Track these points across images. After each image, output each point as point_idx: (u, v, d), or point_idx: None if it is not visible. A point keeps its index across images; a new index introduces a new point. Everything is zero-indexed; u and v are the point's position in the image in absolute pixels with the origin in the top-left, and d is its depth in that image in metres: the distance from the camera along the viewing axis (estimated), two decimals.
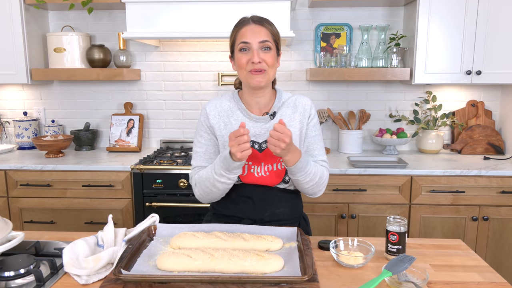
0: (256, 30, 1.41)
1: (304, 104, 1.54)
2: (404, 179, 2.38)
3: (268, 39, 1.42)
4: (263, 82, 1.42)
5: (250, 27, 1.42)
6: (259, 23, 1.43)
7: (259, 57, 1.39)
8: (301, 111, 1.53)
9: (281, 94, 1.56)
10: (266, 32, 1.42)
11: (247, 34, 1.41)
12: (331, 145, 3.01)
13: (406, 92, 2.92)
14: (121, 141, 2.91)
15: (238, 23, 1.47)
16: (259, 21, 1.44)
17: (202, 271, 1.12)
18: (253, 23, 1.43)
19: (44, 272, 1.18)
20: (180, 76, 2.98)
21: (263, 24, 1.43)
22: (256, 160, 1.47)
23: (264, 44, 1.41)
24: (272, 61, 1.42)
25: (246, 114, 1.50)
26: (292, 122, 1.51)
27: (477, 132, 2.80)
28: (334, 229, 2.46)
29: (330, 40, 2.86)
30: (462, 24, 2.50)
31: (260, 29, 1.42)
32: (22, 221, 2.55)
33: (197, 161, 1.55)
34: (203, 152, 1.54)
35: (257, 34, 1.41)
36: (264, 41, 1.41)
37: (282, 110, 1.52)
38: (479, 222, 2.39)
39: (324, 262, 1.27)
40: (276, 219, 1.52)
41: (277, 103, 1.52)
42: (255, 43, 1.40)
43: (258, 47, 1.41)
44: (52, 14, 2.97)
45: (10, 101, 3.08)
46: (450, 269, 1.24)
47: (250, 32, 1.41)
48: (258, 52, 1.41)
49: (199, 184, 1.49)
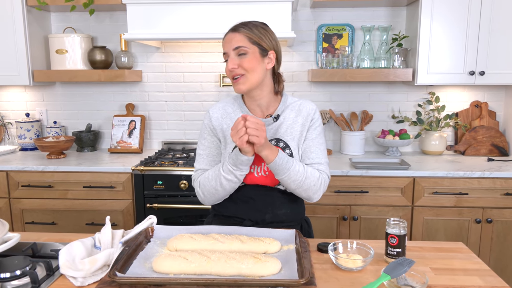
0: (230, 38, 1.43)
1: (309, 108, 1.53)
2: (407, 181, 2.36)
3: (243, 44, 1.41)
4: (244, 87, 1.43)
5: (226, 37, 1.45)
6: (234, 30, 1.44)
7: (233, 64, 1.41)
8: (305, 115, 1.52)
9: (287, 98, 1.55)
10: (241, 37, 1.41)
11: (224, 44, 1.45)
12: (333, 147, 2.99)
13: (408, 93, 2.90)
14: (122, 142, 2.91)
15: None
16: (235, 27, 1.44)
17: (198, 273, 1.11)
18: (230, 32, 1.45)
19: (40, 274, 1.17)
20: (181, 77, 2.98)
21: (238, 30, 1.43)
22: (256, 160, 1.47)
23: (238, 50, 1.41)
24: (249, 65, 1.41)
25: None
26: (294, 125, 1.51)
27: (481, 133, 2.77)
28: (335, 231, 2.44)
29: (332, 40, 2.84)
30: (465, 23, 2.47)
31: (234, 35, 1.42)
32: (24, 222, 2.55)
33: (200, 163, 1.56)
34: (206, 154, 1.55)
35: (230, 41, 1.42)
36: (237, 47, 1.41)
37: (285, 113, 1.52)
38: (482, 224, 2.36)
39: (322, 265, 1.26)
40: (277, 220, 1.51)
41: (282, 106, 1.53)
42: (230, 51, 1.42)
43: (234, 54, 1.42)
44: (54, 16, 2.97)
45: (12, 102, 3.08)
46: (450, 272, 1.22)
47: (225, 41, 1.44)
48: (234, 59, 1.42)
49: (204, 184, 1.49)
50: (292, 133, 1.50)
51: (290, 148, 1.48)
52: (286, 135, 1.50)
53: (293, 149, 1.49)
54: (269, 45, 1.45)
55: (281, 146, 1.48)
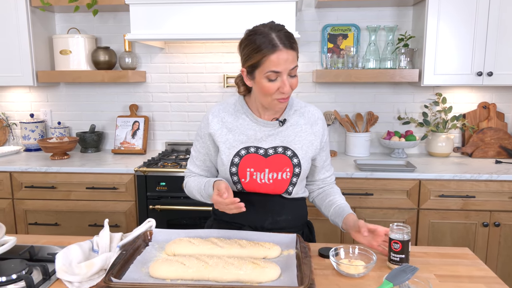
0: (288, 58, 1.27)
1: (317, 118, 1.50)
2: (412, 183, 2.32)
3: (296, 64, 1.30)
4: (286, 104, 1.42)
5: (282, 54, 1.26)
6: (290, 47, 1.28)
7: (288, 87, 1.30)
8: (313, 124, 1.49)
9: (293, 102, 1.50)
10: (294, 56, 1.29)
11: (280, 62, 1.27)
12: (338, 148, 2.96)
13: (415, 94, 2.86)
14: (126, 143, 2.90)
15: (264, 44, 1.27)
16: (289, 44, 1.28)
17: (195, 279, 1.09)
18: (285, 48, 1.26)
19: (36, 278, 1.16)
20: (185, 78, 2.96)
21: (293, 48, 1.29)
22: (259, 166, 1.42)
23: (294, 70, 1.31)
24: (297, 82, 1.34)
25: (253, 119, 1.45)
26: (302, 133, 1.46)
27: (489, 135, 2.72)
28: (340, 235, 2.41)
29: (337, 41, 2.81)
30: (473, 23, 2.43)
31: (291, 54, 1.28)
32: (27, 223, 2.55)
33: (191, 164, 1.58)
34: (196, 157, 1.55)
35: (287, 61, 1.27)
36: (295, 67, 1.30)
37: (293, 118, 1.47)
38: (490, 228, 2.32)
39: (323, 270, 1.23)
40: (277, 227, 1.47)
41: (289, 110, 1.47)
42: (286, 71, 1.29)
43: (287, 74, 1.30)
44: (58, 17, 2.97)
45: (17, 103, 3.09)
46: (455, 279, 1.18)
47: (283, 60, 1.27)
48: (287, 79, 1.30)
49: (189, 190, 1.54)
50: (301, 142, 1.45)
51: (298, 157, 1.43)
52: (294, 143, 1.44)
53: (300, 158, 1.43)
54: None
55: (288, 155, 1.42)
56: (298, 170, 1.43)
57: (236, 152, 1.43)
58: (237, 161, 1.42)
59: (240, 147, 1.43)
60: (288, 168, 1.42)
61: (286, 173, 1.43)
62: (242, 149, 1.43)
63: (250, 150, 1.43)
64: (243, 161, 1.42)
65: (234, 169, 1.43)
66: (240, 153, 1.43)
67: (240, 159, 1.42)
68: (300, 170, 1.44)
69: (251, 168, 1.42)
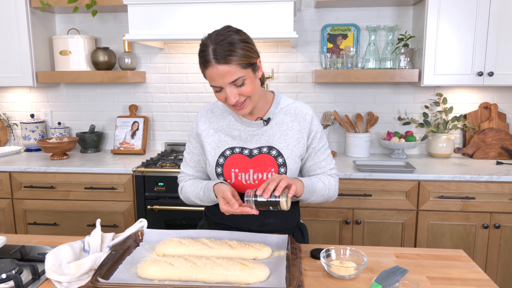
0: (222, 72, 1.23)
1: (305, 113, 1.44)
2: (411, 184, 2.30)
3: (238, 76, 1.24)
4: (248, 109, 1.34)
5: (215, 70, 1.23)
6: (223, 62, 1.22)
7: (234, 97, 1.27)
8: (301, 121, 1.43)
9: (279, 99, 1.45)
10: (234, 68, 1.23)
11: (214, 78, 1.25)
12: (337, 149, 2.94)
13: (415, 94, 2.83)
14: (125, 143, 2.91)
15: (201, 59, 1.27)
16: (223, 58, 1.22)
17: (183, 280, 1.08)
18: (217, 64, 1.22)
19: (25, 278, 1.16)
20: (185, 78, 2.96)
21: (228, 62, 1.22)
22: (243, 167, 1.40)
23: (236, 82, 1.25)
24: (251, 89, 1.28)
25: (237, 118, 1.44)
26: (289, 132, 1.42)
27: (490, 135, 2.70)
28: (338, 235, 2.40)
29: (337, 41, 2.79)
30: (473, 23, 2.40)
31: (224, 68, 1.22)
32: (26, 223, 2.56)
33: (185, 167, 1.55)
34: (189, 159, 1.53)
35: (223, 77, 1.24)
36: (235, 80, 1.25)
37: (279, 117, 1.43)
38: (490, 229, 2.29)
39: (314, 272, 1.22)
40: (265, 230, 1.43)
41: (274, 108, 1.43)
42: (225, 85, 1.26)
43: (231, 87, 1.26)
44: (58, 17, 2.98)
45: (18, 104, 3.10)
46: (447, 282, 1.17)
47: (217, 75, 1.24)
48: (232, 91, 1.27)
49: (186, 195, 1.50)
50: (286, 140, 1.41)
51: (283, 156, 1.39)
52: (279, 142, 1.41)
53: (286, 157, 1.40)
54: (255, 55, 1.30)
55: (273, 155, 1.40)
56: (284, 170, 1.39)
57: (221, 153, 1.42)
58: (222, 162, 1.41)
59: (225, 147, 1.43)
60: (273, 168, 1.39)
61: (271, 173, 1.39)
62: (227, 150, 1.42)
63: (235, 151, 1.42)
64: (228, 161, 1.41)
65: (220, 169, 1.42)
66: (225, 153, 1.42)
67: (225, 159, 1.41)
68: (286, 170, 1.40)
69: (236, 168, 1.40)
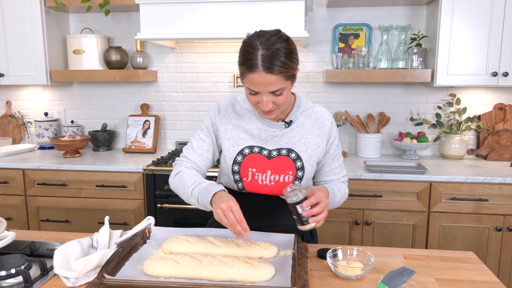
0: (267, 81, 1.20)
1: (325, 119, 1.44)
2: (423, 185, 2.27)
3: (281, 86, 1.22)
4: (275, 115, 1.33)
5: (259, 77, 1.20)
6: (269, 71, 1.19)
7: (269, 105, 1.25)
8: (321, 126, 1.43)
9: (301, 102, 1.45)
10: (280, 79, 1.21)
11: (256, 83, 1.22)
12: (348, 149, 2.92)
13: (428, 94, 2.80)
14: (136, 142, 2.93)
15: (246, 60, 1.22)
16: (270, 67, 1.19)
17: (188, 277, 1.09)
18: (264, 71, 1.19)
19: (34, 273, 1.17)
20: (196, 78, 2.97)
21: (273, 71, 1.19)
22: (261, 167, 1.40)
23: (276, 92, 1.24)
24: (284, 100, 1.27)
25: (259, 117, 1.42)
26: (308, 135, 1.42)
27: (505, 137, 2.65)
28: (348, 236, 2.38)
29: (349, 40, 2.77)
30: (488, 22, 2.36)
31: (269, 78, 1.19)
32: (39, 220, 2.60)
33: (189, 152, 1.47)
34: (197, 146, 1.46)
35: (269, 85, 1.21)
36: (276, 90, 1.23)
37: (300, 120, 1.43)
38: (503, 232, 2.25)
39: (320, 272, 1.21)
40: (275, 230, 1.43)
41: (295, 111, 1.43)
42: (264, 92, 1.24)
43: (268, 95, 1.25)
44: (72, 17, 3.02)
45: (32, 102, 3.15)
46: (456, 284, 1.15)
47: (260, 82, 1.21)
48: (269, 99, 1.25)
49: (180, 179, 1.38)
50: (306, 144, 1.41)
51: (301, 160, 1.40)
52: (299, 145, 1.41)
53: (304, 161, 1.40)
54: (297, 66, 1.28)
55: (292, 158, 1.39)
56: (301, 174, 1.40)
57: (239, 151, 1.41)
58: (239, 160, 1.41)
59: (244, 145, 1.41)
60: (290, 171, 1.39)
61: (289, 176, 1.40)
62: (246, 148, 1.41)
63: (254, 150, 1.41)
64: (246, 160, 1.40)
65: (236, 167, 1.41)
66: (244, 151, 1.41)
67: (243, 158, 1.40)
68: (304, 173, 1.40)
69: (253, 168, 1.40)
